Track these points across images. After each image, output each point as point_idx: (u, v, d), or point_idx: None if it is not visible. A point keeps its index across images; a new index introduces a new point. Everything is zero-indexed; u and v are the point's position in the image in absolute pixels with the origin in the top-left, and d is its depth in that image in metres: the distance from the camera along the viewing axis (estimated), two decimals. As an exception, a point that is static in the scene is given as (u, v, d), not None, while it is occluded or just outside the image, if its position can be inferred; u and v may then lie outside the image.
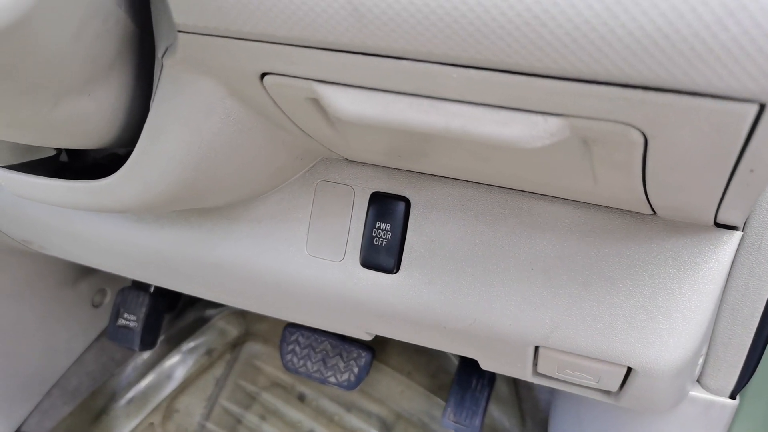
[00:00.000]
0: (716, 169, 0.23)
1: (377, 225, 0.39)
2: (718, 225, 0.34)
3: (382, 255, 0.39)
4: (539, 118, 0.23)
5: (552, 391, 0.77)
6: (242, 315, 0.96)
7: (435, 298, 0.38)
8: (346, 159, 0.39)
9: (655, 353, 0.35)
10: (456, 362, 0.83)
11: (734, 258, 0.38)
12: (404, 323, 0.41)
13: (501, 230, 0.37)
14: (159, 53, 0.28)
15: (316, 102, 0.27)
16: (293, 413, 0.87)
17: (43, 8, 0.22)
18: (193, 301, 0.95)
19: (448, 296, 0.38)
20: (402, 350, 0.87)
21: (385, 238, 0.38)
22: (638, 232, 0.35)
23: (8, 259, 0.67)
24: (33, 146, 0.40)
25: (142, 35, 0.30)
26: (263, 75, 0.26)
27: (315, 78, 0.25)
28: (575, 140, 0.24)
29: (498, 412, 0.82)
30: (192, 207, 0.39)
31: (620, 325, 0.35)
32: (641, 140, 0.22)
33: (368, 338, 0.49)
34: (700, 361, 0.44)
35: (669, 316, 0.34)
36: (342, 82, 0.25)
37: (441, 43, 0.21)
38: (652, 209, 0.32)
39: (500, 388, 0.83)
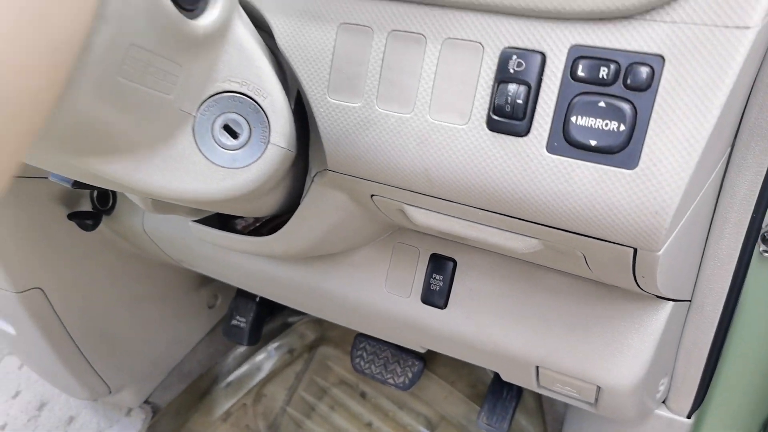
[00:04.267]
0: (624, 270, 0.41)
1: (433, 276, 0.57)
2: (659, 296, 0.51)
3: (436, 296, 0.57)
4: (526, 238, 0.41)
5: (566, 405, 0.93)
6: (319, 323, 1.16)
7: (470, 329, 0.56)
8: (415, 231, 0.58)
9: (615, 377, 0.52)
10: (491, 375, 1.00)
11: (686, 317, 0.55)
12: (448, 343, 0.60)
13: (517, 287, 0.55)
14: (311, 173, 0.48)
15: (402, 212, 0.46)
16: (356, 407, 1.06)
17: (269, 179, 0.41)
18: (281, 309, 1.17)
19: (479, 328, 0.56)
20: (447, 362, 1.05)
21: (439, 285, 0.57)
22: (607, 295, 0.52)
23: (158, 269, 0.90)
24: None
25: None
26: (372, 195, 0.46)
27: (403, 202, 0.44)
28: (549, 250, 0.42)
29: (525, 421, 0.99)
30: (314, 255, 0.59)
31: (592, 357, 0.53)
32: (582, 255, 0.40)
33: (422, 351, 0.68)
34: (662, 388, 0.60)
35: (624, 353, 0.52)
36: (418, 206, 0.44)
37: (477, 200, 0.39)
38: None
39: (528, 401, 1.00)
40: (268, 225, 0.64)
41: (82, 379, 0.88)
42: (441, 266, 0.57)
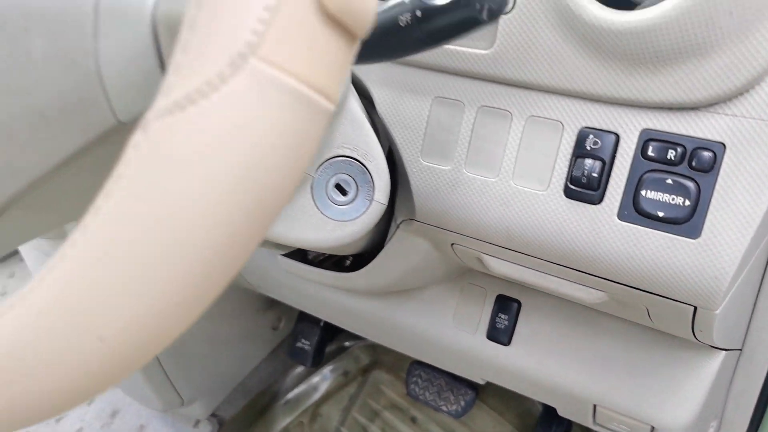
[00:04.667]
0: (684, 324, 0.45)
1: (499, 315, 0.63)
2: (712, 346, 0.55)
3: (501, 334, 0.62)
4: (594, 291, 0.46)
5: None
6: (373, 347, 1.22)
7: (532, 365, 0.61)
8: (482, 272, 0.64)
9: (668, 418, 0.56)
10: (540, 408, 1.04)
11: (737, 365, 0.59)
12: (510, 377, 0.64)
13: (579, 330, 0.59)
14: (397, 220, 0.54)
15: (479, 259, 0.52)
16: (407, 431, 1.11)
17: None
18: (339, 333, 1.23)
19: (540, 365, 0.61)
20: (498, 393, 1.09)
21: (504, 324, 0.62)
22: (664, 342, 0.56)
23: (232, 292, 0.98)
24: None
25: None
26: (453, 244, 0.51)
27: (481, 252, 0.50)
28: (614, 301, 0.47)
29: (572, 455, 1.02)
30: (389, 291, 0.65)
31: (647, 398, 0.57)
32: (645, 308, 0.45)
33: (482, 383, 0.73)
34: (712, 430, 0.63)
35: (678, 397, 0.56)
36: (496, 256, 0.49)
37: (552, 256, 0.45)
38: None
39: (576, 435, 1.03)
40: (335, 256, 0.70)
41: (158, 389, 0.95)
42: (506, 307, 0.62)
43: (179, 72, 0.18)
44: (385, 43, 0.32)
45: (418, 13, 0.29)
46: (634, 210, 0.40)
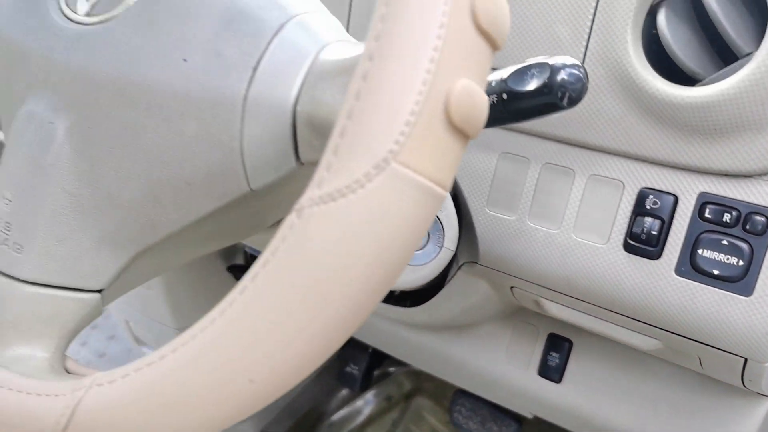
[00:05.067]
0: (734, 373, 0.48)
1: (550, 353, 0.65)
2: (760, 393, 0.57)
3: (551, 371, 0.65)
4: (649, 338, 0.49)
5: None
6: (416, 374, 1.25)
7: (581, 403, 0.64)
8: (535, 312, 0.67)
9: (716, 462, 0.58)
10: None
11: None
12: (559, 413, 0.67)
13: (629, 371, 0.62)
14: (459, 261, 0.58)
15: (537, 302, 0.55)
16: (448, 458, 1.14)
17: None
18: (385, 359, 1.26)
19: (590, 403, 0.64)
20: (544, 428, 1.11)
21: (555, 362, 0.65)
22: (712, 387, 0.58)
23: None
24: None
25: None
26: (512, 287, 0.55)
27: (540, 296, 0.53)
28: (667, 348, 0.50)
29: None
30: (445, 326, 0.69)
31: (696, 441, 0.59)
32: (697, 357, 0.48)
33: (530, 416, 0.76)
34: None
35: (726, 441, 0.58)
36: (554, 301, 0.53)
37: (609, 305, 0.48)
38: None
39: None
40: (395, 291, 0.74)
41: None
42: (558, 345, 0.65)
43: (330, 169, 0.23)
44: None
45: (504, 96, 0.33)
46: (691, 267, 0.43)
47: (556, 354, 0.65)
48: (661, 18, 0.42)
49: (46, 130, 0.33)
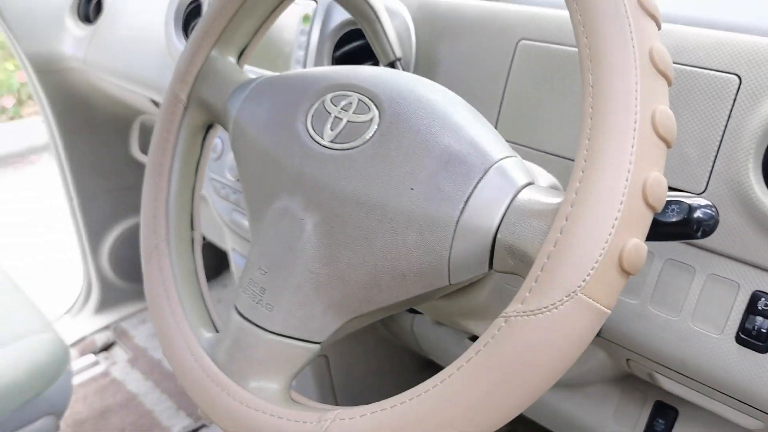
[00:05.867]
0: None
1: (657, 419, 0.72)
2: None
3: (656, 436, 0.72)
4: (753, 419, 0.55)
5: None
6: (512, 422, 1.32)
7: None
8: (644, 379, 0.74)
9: None
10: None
11: None
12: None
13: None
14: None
15: (650, 374, 0.62)
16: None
17: None
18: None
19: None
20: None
21: (661, 427, 0.71)
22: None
23: (404, 353, 1.13)
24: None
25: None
26: (628, 359, 0.63)
27: (654, 371, 0.61)
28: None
29: None
30: (559, 384, 0.77)
31: None
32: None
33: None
34: None
35: None
36: (667, 376, 0.60)
37: (720, 387, 0.55)
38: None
39: None
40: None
41: None
42: (664, 413, 0.72)
43: (532, 292, 0.33)
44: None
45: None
46: (797, 363, 0.49)
47: (662, 421, 0.71)
48: (781, 150, 0.50)
49: (297, 223, 0.45)
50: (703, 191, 0.53)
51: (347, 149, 0.44)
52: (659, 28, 0.35)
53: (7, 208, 2.87)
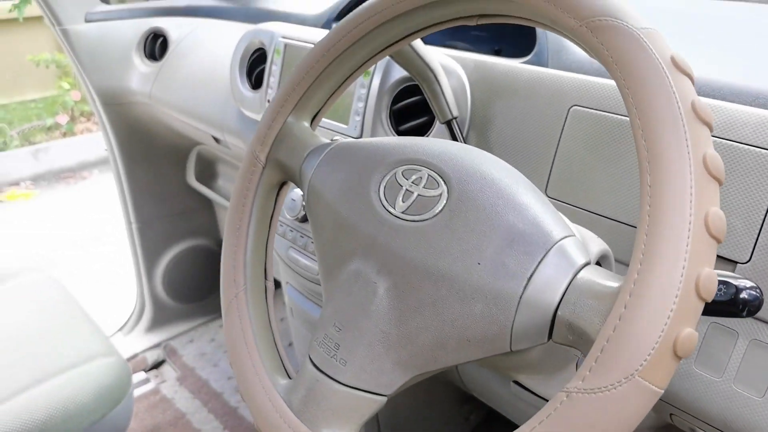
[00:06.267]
0: None
1: (697, 469, 0.74)
2: None
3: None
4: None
5: None
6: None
7: None
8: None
9: None
10: None
11: None
12: None
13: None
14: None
15: (692, 429, 0.65)
16: None
17: None
18: None
19: None
20: None
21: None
22: None
23: (442, 386, 1.17)
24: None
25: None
26: (672, 414, 0.65)
27: (696, 427, 0.63)
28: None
29: None
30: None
31: None
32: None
33: None
34: None
35: None
36: (709, 432, 0.63)
37: None
38: None
39: None
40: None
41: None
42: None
43: (591, 371, 0.37)
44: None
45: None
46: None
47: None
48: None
49: (371, 286, 0.50)
50: (748, 260, 0.56)
51: (418, 221, 0.49)
52: (712, 132, 0.39)
53: (60, 222, 3.00)
